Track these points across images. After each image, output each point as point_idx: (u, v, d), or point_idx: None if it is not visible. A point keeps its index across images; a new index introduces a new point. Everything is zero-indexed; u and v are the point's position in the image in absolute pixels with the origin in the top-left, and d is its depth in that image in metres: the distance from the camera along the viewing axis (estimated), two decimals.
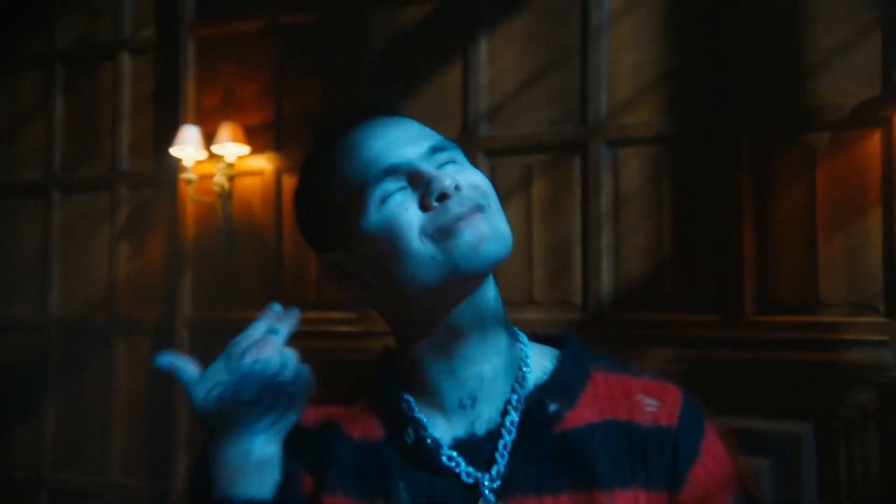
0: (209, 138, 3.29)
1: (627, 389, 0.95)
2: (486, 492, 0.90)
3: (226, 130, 3.25)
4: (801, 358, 2.54)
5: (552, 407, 0.92)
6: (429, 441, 0.92)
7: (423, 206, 0.87)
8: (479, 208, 0.87)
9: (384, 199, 0.88)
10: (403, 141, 0.91)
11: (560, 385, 0.94)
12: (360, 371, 1.11)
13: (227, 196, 3.36)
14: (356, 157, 0.91)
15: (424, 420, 0.94)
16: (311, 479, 0.96)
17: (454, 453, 0.92)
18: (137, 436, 3.63)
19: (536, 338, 1.01)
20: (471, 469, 0.91)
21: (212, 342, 3.10)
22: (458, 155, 0.93)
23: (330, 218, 0.93)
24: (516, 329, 0.98)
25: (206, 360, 2.88)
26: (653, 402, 0.93)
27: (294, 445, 0.96)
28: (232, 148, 3.27)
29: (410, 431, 0.93)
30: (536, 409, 0.92)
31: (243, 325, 2.88)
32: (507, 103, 2.98)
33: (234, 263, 3.40)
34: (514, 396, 0.93)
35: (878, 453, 2.42)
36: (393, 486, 0.92)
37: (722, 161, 2.68)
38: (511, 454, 0.91)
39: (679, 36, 2.76)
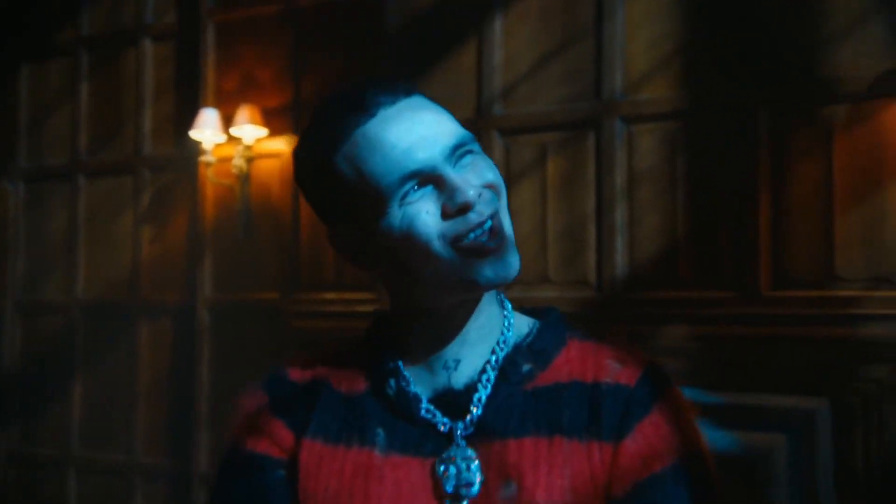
0: (228, 121, 3.38)
1: (599, 354, 1.03)
2: (459, 437, 0.99)
3: (244, 113, 3.34)
4: (817, 333, 2.57)
5: (525, 367, 1.01)
6: (410, 394, 1.00)
7: (445, 212, 0.92)
8: (494, 215, 0.94)
9: (405, 196, 0.92)
10: (426, 140, 0.94)
11: (535, 349, 1.03)
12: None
13: (245, 178, 3.47)
14: (378, 153, 0.94)
15: (408, 375, 1.02)
16: (290, 434, 1.04)
17: (432, 406, 1.00)
18: (160, 415, 3.81)
19: (523, 310, 1.09)
20: (446, 420, 1.00)
21: (231, 323, 3.15)
22: (475, 145, 0.97)
23: (346, 202, 0.97)
24: (502, 296, 1.06)
25: (225, 339, 2.93)
26: (617, 365, 1.01)
27: (281, 399, 1.06)
28: (250, 130, 3.38)
29: (392, 383, 1.01)
30: (511, 369, 1.01)
31: (261, 305, 2.94)
32: (521, 82, 3.05)
33: (252, 245, 3.55)
34: (493, 357, 1.02)
35: (895, 428, 2.43)
36: (371, 431, 1.01)
37: (738, 136, 2.72)
38: (484, 407, 1.00)
39: (695, 9, 2.81)
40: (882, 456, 2.45)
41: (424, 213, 0.92)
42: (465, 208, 0.92)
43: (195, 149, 3.50)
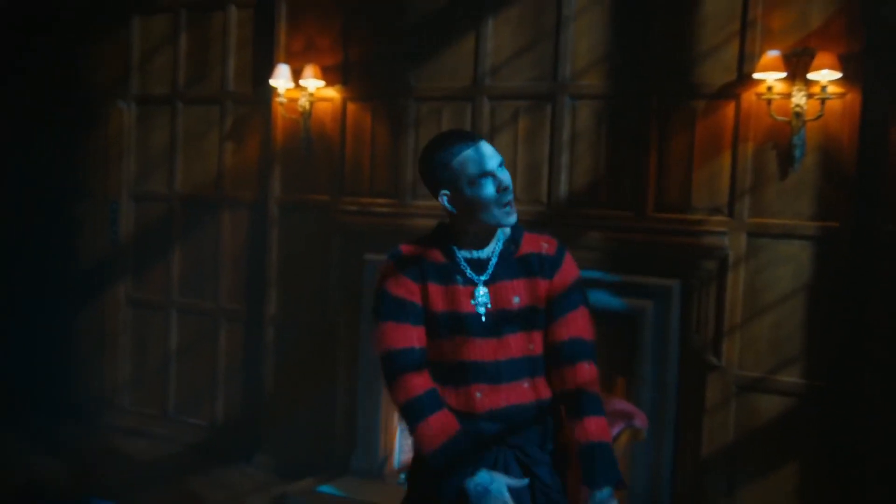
0: (296, 74, 4.69)
1: (538, 240, 2.28)
2: (480, 282, 2.20)
3: (309, 69, 4.62)
4: (678, 240, 3.93)
5: (511, 248, 2.25)
6: (461, 263, 2.24)
7: (497, 189, 2.11)
8: (512, 199, 2.16)
9: (480, 182, 2.11)
10: (494, 157, 2.14)
11: (513, 240, 2.26)
12: (398, 237, 2.42)
13: (308, 115, 4.76)
14: (475, 160, 2.11)
15: (459, 255, 2.24)
16: (414, 284, 2.20)
17: (468, 267, 2.22)
18: (239, 277, 5.13)
19: None
20: (473, 274, 2.21)
21: (294, 216, 4.75)
22: (503, 160, 2.22)
23: (450, 178, 2.13)
24: None
25: (288, 227, 4.63)
26: (546, 245, 2.27)
27: (402, 263, 2.20)
28: (312, 82, 4.65)
29: (457, 258, 2.26)
30: (505, 249, 2.24)
31: (316, 204, 4.70)
32: (504, 65, 4.33)
33: (310, 161, 4.80)
34: (497, 246, 2.25)
35: (715, 298, 3.91)
36: (451, 278, 2.22)
37: (640, 113, 4.02)
38: (494, 267, 2.21)
39: (618, 29, 4.08)
40: (707, 313, 3.95)
41: (490, 191, 2.09)
42: (505, 190, 2.12)
43: (270, 91, 4.77)
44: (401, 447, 4.66)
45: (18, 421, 5.54)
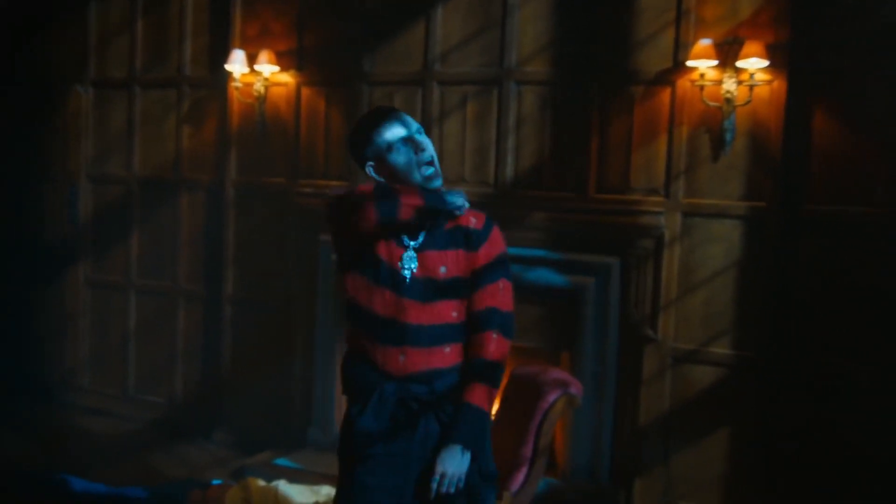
0: (251, 58, 4.81)
1: (468, 214, 2.32)
2: (412, 248, 2.28)
3: (264, 55, 4.76)
4: (617, 220, 4.14)
5: (441, 220, 2.30)
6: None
7: (416, 151, 2.24)
8: (433, 160, 2.29)
9: (399, 148, 2.24)
10: (410, 124, 2.28)
11: (445, 214, 2.28)
12: None
13: (263, 99, 4.90)
14: (390, 127, 2.25)
15: None
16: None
17: None
18: (197, 258, 5.26)
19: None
20: (406, 238, 2.28)
21: (251, 198, 4.88)
22: (422, 128, 2.47)
23: (373, 150, 2.27)
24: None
25: (245, 209, 4.77)
26: (474, 219, 2.35)
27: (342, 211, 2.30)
28: (267, 67, 4.79)
29: None
30: (436, 219, 2.31)
31: (272, 186, 4.87)
32: (453, 51, 4.51)
33: (266, 144, 4.94)
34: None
35: (652, 275, 4.14)
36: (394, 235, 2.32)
37: (581, 99, 4.23)
38: (424, 236, 2.29)
39: (561, 18, 4.28)
40: (644, 288, 4.18)
41: (410, 155, 2.23)
42: (423, 151, 2.23)
43: (226, 76, 4.89)
44: None
45: None
